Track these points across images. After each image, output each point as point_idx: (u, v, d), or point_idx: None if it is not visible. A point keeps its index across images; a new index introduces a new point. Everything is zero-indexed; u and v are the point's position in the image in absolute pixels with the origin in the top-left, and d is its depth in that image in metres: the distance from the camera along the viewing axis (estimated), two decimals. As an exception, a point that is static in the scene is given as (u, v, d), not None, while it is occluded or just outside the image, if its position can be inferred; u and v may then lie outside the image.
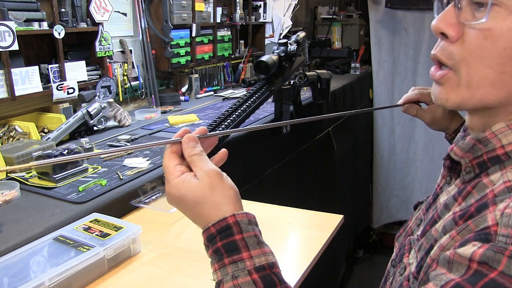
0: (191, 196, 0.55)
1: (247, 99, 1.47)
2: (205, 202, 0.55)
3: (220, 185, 0.56)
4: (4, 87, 1.42)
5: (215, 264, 0.54)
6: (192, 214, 0.57)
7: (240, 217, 0.55)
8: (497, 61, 0.49)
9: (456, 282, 0.43)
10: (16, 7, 1.43)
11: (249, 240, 0.54)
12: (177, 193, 0.56)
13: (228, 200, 0.56)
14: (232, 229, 0.54)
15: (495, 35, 0.48)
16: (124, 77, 1.93)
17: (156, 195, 1.18)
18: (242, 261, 0.53)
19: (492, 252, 0.42)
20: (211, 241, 0.55)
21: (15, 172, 1.20)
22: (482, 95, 0.52)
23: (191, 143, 0.58)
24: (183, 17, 2.13)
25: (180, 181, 0.56)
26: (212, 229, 0.54)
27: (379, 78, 3.31)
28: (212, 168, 0.57)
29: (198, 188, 0.55)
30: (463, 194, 0.56)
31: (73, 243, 0.87)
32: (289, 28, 3.04)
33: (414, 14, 3.09)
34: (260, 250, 0.54)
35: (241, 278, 0.52)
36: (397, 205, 3.49)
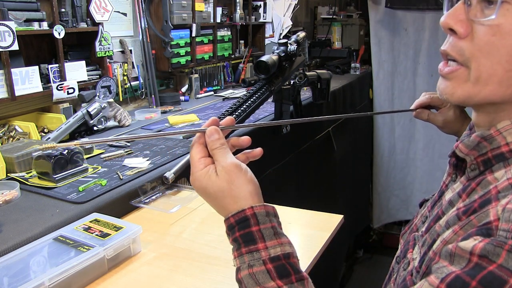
0: (211, 190, 0.59)
1: (247, 99, 1.46)
2: (224, 196, 0.58)
3: (238, 179, 0.58)
4: (4, 87, 1.42)
5: (235, 252, 0.58)
6: (213, 205, 0.61)
7: (257, 209, 0.57)
8: (506, 58, 0.49)
9: (456, 274, 0.44)
10: (16, 7, 1.43)
11: (265, 232, 0.56)
12: (199, 185, 0.60)
13: (246, 193, 0.58)
14: (249, 220, 0.57)
15: (504, 32, 0.48)
16: (124, 77, 1.93)
17: (156, 195, 1.18)
18: (258, 251, 0.55)
19: (492, 246, 0.43)
20: (231, 230, 0.58)
21: (15, 172, 1.20)
22: (489, 92, 0.52)
23: (212, 136, 0.61)
24: (183, 17, 2.13)
25: (202, 174, 0.59)
26: (231, 219, 0.58)
27: (379, 78, 3.31)
28: (230, 162, 0.59)
29: (217, 183, 0.58)
30: (467, 190, 0.56)
31: (73, 243, 0.87)
32: (289, 28, 3.03)
33: (414, 14, 3.09)
34: (276, 241, 0.56)
35: (256, 267, 0.55)
36: (397, 205, 3.49)
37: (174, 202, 1.16)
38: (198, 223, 1.07)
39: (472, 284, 0.42)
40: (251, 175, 0.60)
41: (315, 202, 2.28)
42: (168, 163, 1.29)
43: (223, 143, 0.61)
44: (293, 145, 2.01)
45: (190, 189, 1.23)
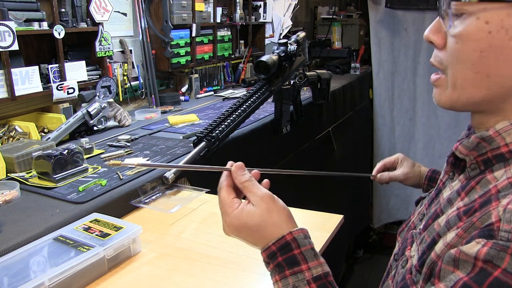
0: (252, 223, 0.62)
1: (247, 99, 1.46)
2: (265, 225, 0.61)
3: (275, 206, 0.63)
4: (4, 87, 1.42)
5: (276, 276, 0.60)
6: (254, 238, 0.63)
7: (296, 234, 0.61)
8: (471, 62, 0.54)
9: (464, 282, 0.46)
10: (16, 7, 1.43)
11: (306, 253, 0.60)
12: (239, 223, 0.62)
13: (285, 218, 0.63)
14: (291, 245, 0.60)
15: (464, 39, 0.54)
16: (124, 77, 1.93)
17: (156, 195, 1.18)
18: (302, 272, 0.59)
19: (496, 251, 0.44)
20: (272, 257, 0.61)
21: (15, 172, 1.20)
22: (468, 95, 0.56)
23: (240, 171, 0.65)
24: (183, 17, 2.13)
25: (239, 211, 0.62)
26: (272, 247, 0.61)
27: (379, 78, 3.31)
28: (264, 192, 0.63)
29: (257, 214, 0.62)
30: (466, 189, 0.57)
31: (73, 243, 0.87)
32: (289, 28, 3.03)
33: (414, 14, 3.09)
34: (316, 262, 0.60)
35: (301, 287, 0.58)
36: (397, 205, 3.49)
37: (174, 202, 1.16)
38: (198, 223, 1.07)
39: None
40: (282, 202, 0.64)
41: (315, 202, 2.27)
42: (168, 163, 1.29)
43: (251, 176, 0.65)
44: (293, 145, 2.01)
45: (190, 189, 1.23)
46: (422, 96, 3.20)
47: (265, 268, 0.62)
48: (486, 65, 0.53)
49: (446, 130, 3.14)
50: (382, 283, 0.74)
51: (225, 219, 0.64)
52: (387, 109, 3.35)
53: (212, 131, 1.31)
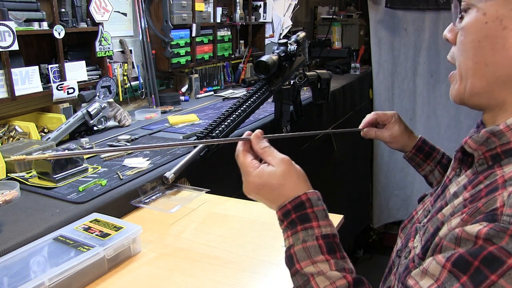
0: (273, 181, 0.66)
1: (247, 99, 1.46)
2: (285, 184, 0.66)
3: (294, 168, 0.67)
4: (4, 87, 1.42)
5: (288, 232, 0.64)
6: (273, 196, 0.66)
7: (311, 195, 0.66)
8: (472, 52, 0.57)
9: (460, 254, 0.48)
10: (16, 7, 1.43)
11: (318, 213, 0.64)
12: (260, 181, 0.66)
13: (303, 180, 0.68)
14: (305, 204, 0.64)
15: (466, 31, 0.58)
16: (124, 77, 1.93)
17: (156, 195, 1.18)
18: (312, 229, 0.63)
19: (495, 231, 0.46)
20: (286, 215, 0.65)
21: (15, 172, 1.20)
22: (470, 85, 0.59)
23: (259, 139, 0.70)
24: (183, 17, 2.13)
25: (260, 171, 0.67)
26: (288, 205, 0.65)
27: (379, 78, 3.31)
28: (283, 156, 0.68)
29: (278, 173, 0.66)
30: (473, 183, 0.58)
31: (73, 243, 0.87)
32: (289, 28, 3.03)
33: (414, 14, 3.09)
34: (327, 222, 0.65)
35: (310, 242, 0.62)
36: (397, 205, 3.48)
37: (174, 202, 1.16)
38: (198, 223, 1.07)
39: (475, 264, 0.46)
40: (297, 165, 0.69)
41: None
42: (168, 163, 1.29)
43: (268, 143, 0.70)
44: (293, 145, 2.01)
45: (190, 189, 1.23)
46: (422, 96, 3.20)
47: (265, 268, 0.62)
48: (484, 54, 0.56)
49: (446, 130, 3.14)
50: (384, 280, 0.75)
51: (247, 178, 0.68)
52: (387, 109, 3.34)
53: (212, 131, 1.31)
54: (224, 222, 1.07)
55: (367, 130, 1.14)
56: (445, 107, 3.07)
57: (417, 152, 1.09)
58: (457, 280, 0.48)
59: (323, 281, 0.60)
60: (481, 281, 0.46)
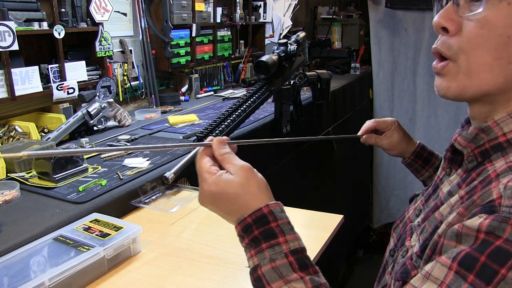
0: (230, 190, 0.60)
1: (247, 99, 1.46)
2: (243, 194, 0.60)
3: (254, 177, 0.61)
4: (4, 87, 1.42)
5: (252, 251, 0.58)
6: (230, 207, 0.61)
7: (273, 207, 0.60)
8: (494, 47, 0.53)
9: (466, 252, 0.47)
10: (16, 7, 1.43)
11: (283, 227, 0.59)
12: (216, 189, 0.60)
13: (263, 190, 0.62)
14: (267, 217, 0.58)
15: (491, 24, 0.53)
16: (124, 77, 1.93)
17: (156, 195, 1.18)
18: (279, 245, 0.57)
19: (497, 222, 0.45)
20: (247, 230, 0.59)
21: (15, 172, 1.20)
22: (482, 81, 0.55)
23: (220, 144, 0.64)
24: (183, 17, 2.13)
25: (217, 178, 0.61)
26: (248, 219, 0.59)
27: (379, 78, 3.31)
28: (244, 163, 0.62)
29: (236, 182, 0.60)
30: (467, 181, 0.58)
31: (73, 243, 0.87)
32: (289, 28, 3.03)
33: (414, 14, 3.09)
34: (293, 235, 0.59)
35: (279, 260, 0.56)
36: (397, 205, 3.48)
37: (174, 202, 1.16)
38: (198, 223, 1.07)
39: (481, 260, 0.45)
40: (261, 175, 0.63)
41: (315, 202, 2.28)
42: (168, 163, 1.29)
43: (229, 149, 0.65)
44: (293, 145, 2.01)
45: (190, 189, 1.23)
46: (422, 96, 3.20)
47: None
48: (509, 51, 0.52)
49: (446, 130, 3.14)
50: (378, 279, 0.75)
51: (203, 185, 0.62)
52: (387, 109, 3.35)
53: (212, 131, 1.31)
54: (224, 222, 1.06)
55: (366, 137, 1.16)
56: (445, 107, 3.07)
57: (416, 158, 1.10)
58: (464, 280, 0.46)
59: None
60: (491, 276, 0.44)
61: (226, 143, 0.65)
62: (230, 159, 0.63)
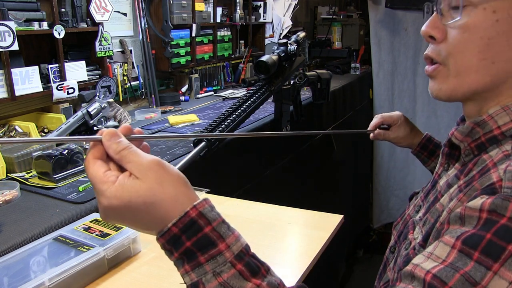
0: (139, 200, 0.46)
1: (247, 99, 1.46)
2: (158, 201, 0.46)
3: (167, 175, 0.48)
4: (4, 87, 1.42)
5: (186, 266, 0.47)
6: (144, 220, 0.47)
7: (201, 207, 0.47)
8: (478, 50, 0.57)
9: (471, 233, 0.47)
10: (16, 7, 1.43)
11: (220, 229, 0.47)
12: (119, 203, 0.46)
13: (183, 189, 0.48)
14: (197, 222, 0.47)
15: (471, 28, 0.57)
16: (124, 77, 1.93)
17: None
18: (221, 254, 0.46)
19: (500, 200, 0.46)
20: (174, 243, 0.47)
21: (15, 172, 1.20)
22: (470, 81, 0.59)
23: (113, 138, 0.48)
24: (183, 17, 2.13)
25: (118, 188, 0.46)
26: (173, 229, 0.46)
27: (379, 78, 3.31)
28: (150, 159, 0.49)
29: (144, 188, 0.46)
30: (464, 172, 0.60)
31: (73, 243, 0.87)
32: (289, 28, 3.03)
33: (414, 14, 3.09)
34: (233, 236, 0.48)
35: (225, 273, 0.46)
36: (397, 205, 3.48)
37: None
38: (198, 223, 1.07)
39: (487, 237, 0.45)
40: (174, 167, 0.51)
41: (315, 202, 2.28)
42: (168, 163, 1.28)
43: (128, 142, 0.49)
44: (293, 145, 2.01)
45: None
46: (422, 96, 3.20)
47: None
48: (493, 51, 0.56)
49: (446, 130, 3.13)
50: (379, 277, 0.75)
51: (100, 200, 0.47)
52: (387, 109, 3.34)
53: (212, 131, 1.31)
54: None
55: (376, 133, 1.21)
56: (445, 107, 3.07)
57: (422, 150, 1.17)
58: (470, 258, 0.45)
59: None
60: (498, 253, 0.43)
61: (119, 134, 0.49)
62: (130, 156, 0.48)
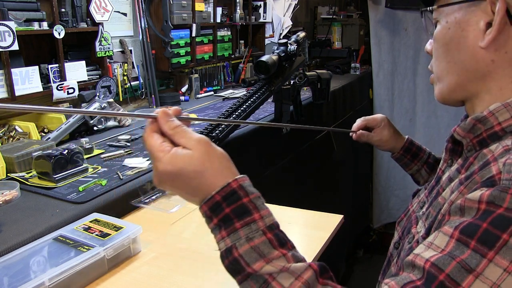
0: (190, 168, 0.53)
1: (247, 99, 1.46)
2: (206, 170, 0.54)
3: (214, 151, 0.56)
4: (4, 87, 1.42)
5: (223, 232, 0.54)
6: (192, 186, 0.55)
7: (242, 181, 0.55)
8: (443, 55, 0.66)
9: (468, 222, 0.49)
10: (16, 7, 1.43)
11: (256, 202, 0.54)
12: (173, 169, 0.53)
13: (227, 164, 0.56)
14: (238, 193, 0.54)
15: (436, 39, 0.68)
16: (124, 77, 1.93)
17: (156, 195, 1.18)
18: (255, 222, 0.53)
19: (498, 191, 0.48)
20: (215, 210, 0.54)
21: (15, 172, 1.20)
22: (447, 82, 0.67)
23: (168, 117, 0.56)
24: (183, 17, 2.13)
25: (173, 155, 0.54)
26: (216, 196, 0.54)
27: (379, 78, 3.31)
28: (199, 136, 0.56)
29: (195, 158, 0.54)
30: (465, 166, 0.62)
31: (73, 243, 0.87)
32: (289, 28, 3.03)
33: (414, 14, 3.08)
34: (267, 211, 0.55)
35: (257, 239, 0.52)
36: (397, 205, 3.48)
37: (174, 202, 1.16)
38: (198, 223, 1.07)
39: (483, 226, 0.47)
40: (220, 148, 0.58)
41: (315, 202, 2.27)
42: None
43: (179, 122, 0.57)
44: (293, 145, 2.01)
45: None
46: (422, 96, 3.20)
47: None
48: (452, 54, 0.64)
49: (446, 130, 3.14)
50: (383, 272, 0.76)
51: (157, 166, 0.54)
52: (387, 109, 3.35)
53: (212, 131, 1.31)
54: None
55: (358, 134, 1.21)
56: (445, 107, 3.03)
57: (405, 153, 1.17)
58: (467, 246, 0.47)
59: (287, 278, 0.51)
60: (493, 241, 0.45)
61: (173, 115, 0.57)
62: (183, 132, 0.55)
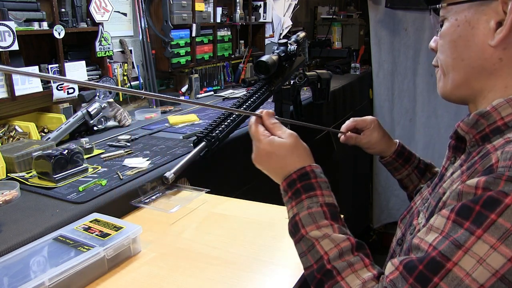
0: (282, 151, 0.74)
1: (247, 99, 1.46)
2: (292, 155, 0.74)
3: (300, 143, 0.76)
4: (4, 87, 1.42)
5: (292, 202, 0.71)
6: (280, 165, 0.74)
7: (315, 167, 0.74)
8: (450, 51, 0.69)
9: (462, 203, 0.54)
10: (16, 7, 1.43)
11: (321, 184, 0.72)
12: (271, 149, 0.74)
13: (308, 154, 0.76)
14: (309, 174, 0.72)
15: (444, 35, 0.70)
16: (124, 77, 1.93)
17: (156, 195, 1.18)
18: (316, 196, 0.70)
19: (493, 178, 0.52)
20: (291, 185, 0.72)
21: (15, 172, 1.20)
22: (452, 78, 0.69)
23: (270, 115, 0.79)
24: (183, 17, 2.13)
25: (271, 140, 0.75)
26: (294, 175, 0.72)
27: (379, 78, 3.31)
28: (292, 131, 0.76)
29: (287, 144, 0.74)
30: (468, 159, 0.64)
31: (73, 243, 0.87)
32: (289, 28, 3.03)
33: (414, 14, 3.09)
34: (329, 192, 0.72)
35: (314, 208, 0.68)
36: (397, 205, 3.48)
37: (174, 202, 1.16)
38: (198, 223, 1.07)
39: (476, 209, 0.52)
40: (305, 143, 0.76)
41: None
42: (168, 163, 1.29)
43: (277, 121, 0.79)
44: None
45: (190, 189, 1.23)
46: (422, 96, 3.20)
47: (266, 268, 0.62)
48: (459, 51, 0.67)
49: (446, 130, 3.13)
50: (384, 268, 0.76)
51: (258, 145, 0.75)
52: (387, 109, 3.35)
53: (212, 131, 1.31)
54: (224, 222, 1.07)
55: (348, 136, 1.16)
56: (445, 107, 3.07)
57: (397, 157, 1.13)
58: (461, 227, 0.52)
59: (328, 244, 0.65)
60: (482, 221, 0.50)
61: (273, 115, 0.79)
62: (280, 127, 0.77)
